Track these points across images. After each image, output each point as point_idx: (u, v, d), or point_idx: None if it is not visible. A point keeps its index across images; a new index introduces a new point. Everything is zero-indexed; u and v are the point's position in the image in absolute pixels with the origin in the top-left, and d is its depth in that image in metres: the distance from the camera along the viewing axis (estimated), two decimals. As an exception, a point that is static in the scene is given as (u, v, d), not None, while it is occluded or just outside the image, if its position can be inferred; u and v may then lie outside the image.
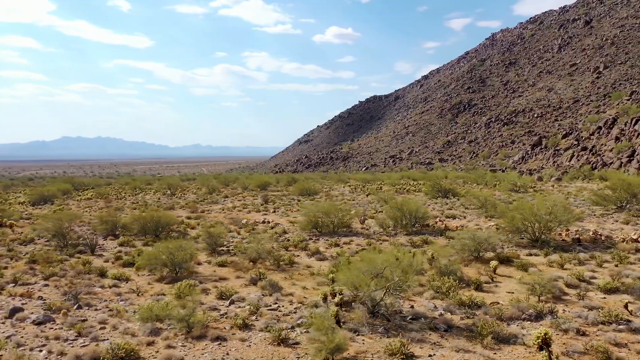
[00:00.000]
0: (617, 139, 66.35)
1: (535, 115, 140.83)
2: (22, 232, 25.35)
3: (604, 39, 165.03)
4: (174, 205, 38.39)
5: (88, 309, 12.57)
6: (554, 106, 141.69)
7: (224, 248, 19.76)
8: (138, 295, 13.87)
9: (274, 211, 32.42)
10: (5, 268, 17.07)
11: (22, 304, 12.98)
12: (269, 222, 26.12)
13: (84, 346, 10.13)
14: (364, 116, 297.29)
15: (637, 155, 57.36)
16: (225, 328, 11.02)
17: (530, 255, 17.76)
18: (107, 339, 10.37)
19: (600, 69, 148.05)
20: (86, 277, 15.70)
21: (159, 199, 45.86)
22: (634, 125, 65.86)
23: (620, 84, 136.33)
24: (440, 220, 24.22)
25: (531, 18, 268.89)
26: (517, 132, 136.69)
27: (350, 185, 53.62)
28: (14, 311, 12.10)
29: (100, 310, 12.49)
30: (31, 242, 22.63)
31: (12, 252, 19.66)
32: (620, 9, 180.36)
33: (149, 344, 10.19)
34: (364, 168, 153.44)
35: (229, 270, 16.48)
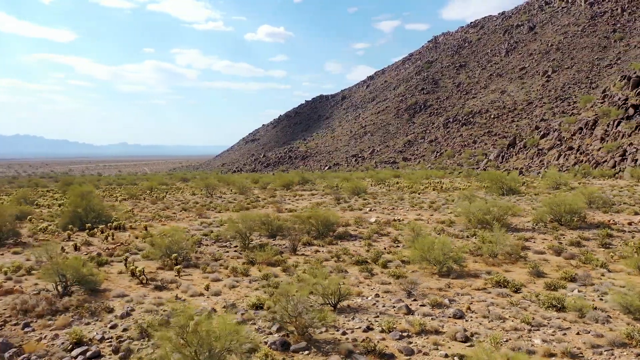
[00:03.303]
0: (602, 139, 70.42)
1: (492, 117, 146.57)
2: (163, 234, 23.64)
3: (549, 44, 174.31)
4: (253, 204, 37.02)
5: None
6: (508, 108, 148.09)
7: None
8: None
9: (371, 209, 31.58)
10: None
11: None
12: (399, 220, 25.56)
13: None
14: (312, 115, 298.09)
15: (629, 154, 61.14)
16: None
17: None
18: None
19: (549, 73, 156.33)
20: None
21: (199, 198, 44.10)
22: (617, 126, 70.17)
23: (570, 87, 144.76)
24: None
25: (472, 23, 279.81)
26: (476, 132, 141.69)
27: (380, 185, 53.76)
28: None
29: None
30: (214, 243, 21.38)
31: (205, 255, 18.33)
32: (561, 16, 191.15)
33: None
34: (327, 167, 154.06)
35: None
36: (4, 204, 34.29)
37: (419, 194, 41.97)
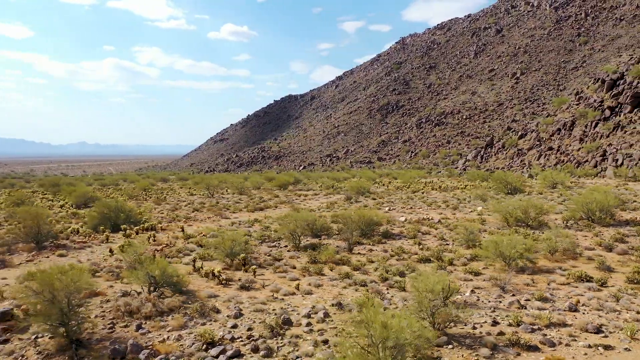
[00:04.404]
0: (581, 139, 73.01)
1: (464, 117, 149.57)
2: (202, 234, 23.45)
3: (517, 47, 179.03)
4: (263, 204, 36.92)
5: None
6: (480, 109, 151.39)
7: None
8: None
9: (390, 209, 31.97)
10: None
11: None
12: (428, 219, 26.07)
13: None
14: (281, 115, 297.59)
15: (609, 154, 63.62)
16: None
17: None
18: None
19: (518, 75, 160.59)
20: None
21: (207, 198, 43.71)
22: (594, 127, 72.90)
23: (538, 89, 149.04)
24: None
25: (438, 25, 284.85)
26: (449, 133, 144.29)
27: (377, 184, 54.26)
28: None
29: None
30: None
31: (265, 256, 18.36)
32: (527, 20, 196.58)
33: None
34: (301, 167, 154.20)
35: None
36: (37, 205, 33.33)
37: (422, 193, 42.73)
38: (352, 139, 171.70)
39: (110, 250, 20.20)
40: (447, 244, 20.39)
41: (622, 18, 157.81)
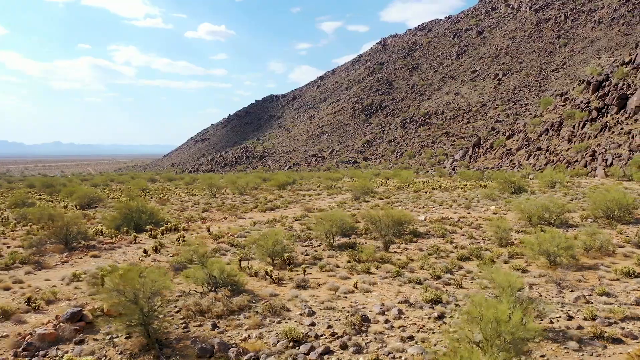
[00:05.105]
0: (569, 140, 74.57)
1: (448, 117, 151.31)
2: (229, 234, 23.47)
3: (498, 48, 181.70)
4: (271, 204, 36.97)
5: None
6: (463, 109, 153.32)
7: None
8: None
9: (405, 209, 32.29)
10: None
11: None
12: (447, 218, 26.48)
13: None
14: (263, 115, 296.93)
15: (598, 154, 65.13)
16: None
17: None
18: None
19: (500, 76, 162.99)
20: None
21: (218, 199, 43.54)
22: (582, 128, 74.56)
23: (520, 90, 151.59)
24: None
25: (419, 26, 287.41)
26: (434, 133, 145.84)
27: (375, 184, 54.64)
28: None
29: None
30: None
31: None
32: (507, 22, 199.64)
33: None
34: (287, 167, 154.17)
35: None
36: (66, 207, 32.84)
37: (426, 192, 43.27)
38: (337, 139, 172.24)
39: (145, 251, 20.15)
40: (477, 242, 20.81)
41: (600, 21, 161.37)
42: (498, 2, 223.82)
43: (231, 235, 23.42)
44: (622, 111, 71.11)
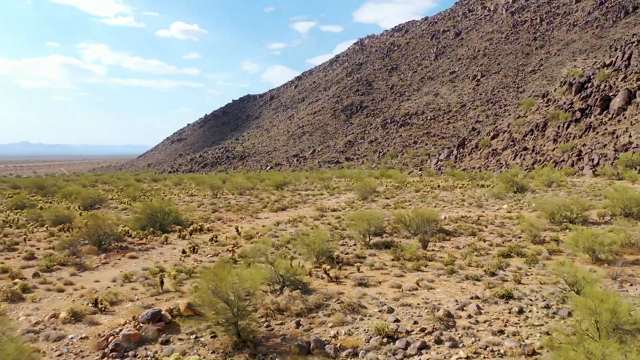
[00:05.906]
0: (554, 140, 76.39)
1: (429, 118, 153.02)
2: (259, 234, 23.45)
3: (476, 50, 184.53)
4: (279, 204, 36.97)
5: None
6: (443, 110, 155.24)
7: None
8: None
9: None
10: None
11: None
12: (467, 217, 26.90)
13: None
14: (240, 115, 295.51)
15: (584, 154, 66.90)
16: None
17: None
18: None
19: (479, 77, 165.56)
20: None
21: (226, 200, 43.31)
22: (567, 128, 76.47)
23: (499, 91, 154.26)
24: None
25: (396, 27, 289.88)
26: (415, 133, 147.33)
27: (383, 184, 55.09)
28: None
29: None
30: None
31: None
32: (484, 24, 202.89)
33: None
34: (268, 167, 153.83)
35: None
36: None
37: (427, 192, 43.88)
38: (318, 139, 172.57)
39: (183, 252, 20.11)
40: (509, 240, 21.33)
41: (575, 24, 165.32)
42: (475, 4, 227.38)
43: (261, 235, 23.47)
44: (605, 112, 73.15)
